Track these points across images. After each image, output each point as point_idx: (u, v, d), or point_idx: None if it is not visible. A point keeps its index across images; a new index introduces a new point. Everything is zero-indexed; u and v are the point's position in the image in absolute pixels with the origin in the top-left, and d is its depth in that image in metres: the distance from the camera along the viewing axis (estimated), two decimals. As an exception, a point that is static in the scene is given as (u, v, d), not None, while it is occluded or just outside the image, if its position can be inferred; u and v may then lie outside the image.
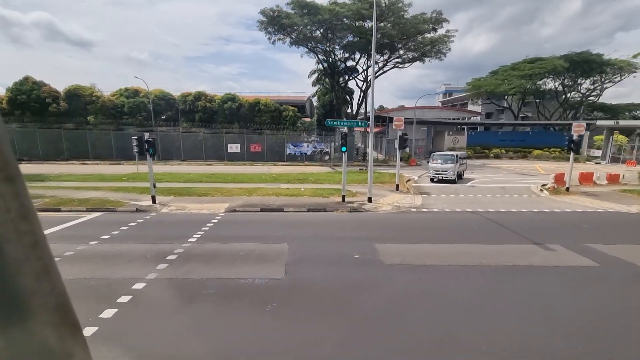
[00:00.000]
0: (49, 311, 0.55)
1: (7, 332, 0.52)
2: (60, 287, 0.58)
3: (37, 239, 0.54)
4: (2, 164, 0.50)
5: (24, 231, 0.52)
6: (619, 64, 46.51)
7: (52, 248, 0.59)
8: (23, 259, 0.52)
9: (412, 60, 37.91)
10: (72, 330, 0.59)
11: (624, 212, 13.54)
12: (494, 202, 15.17)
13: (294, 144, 34.03)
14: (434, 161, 20.14)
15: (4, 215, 0.50)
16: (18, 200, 0.51)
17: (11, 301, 0.52)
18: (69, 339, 0.58)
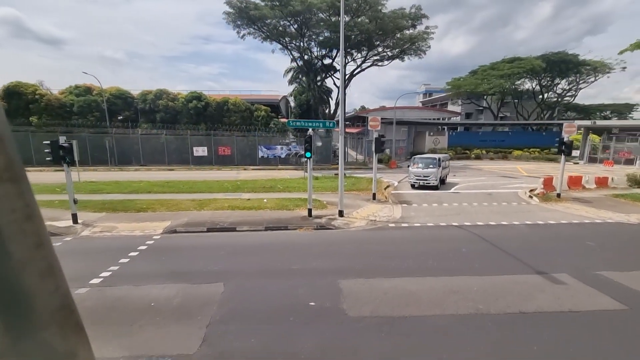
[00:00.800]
0: (53, 311, 0.55)
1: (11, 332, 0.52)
2: (65, 287, 0.57)
3: (41, 240, 0.54)
4: (7, 164, 0.50)
5: (28, 231, 0.52)
6: (594, 64, 46.85)
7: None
8: (28, 259, 0.52)
9: (391, 58, 36.32)
10: (76, 330, 0.59)
11: (624, 222, 12.07)
12: (481, 212, 13.42)
13: (267, 146, 31.62)
14: (415, 165, 18.31)
15: (9, 215, 0.50)
16: (23, 200, 0.51)
17: (16, 301, 0.51)
18: (72, 338, 0.58)
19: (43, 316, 0.54)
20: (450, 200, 15.46)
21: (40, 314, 0.54)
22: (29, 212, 0.52)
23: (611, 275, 7.34)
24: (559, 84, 52.10)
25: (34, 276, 0.53)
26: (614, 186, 18.66)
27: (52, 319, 0.55)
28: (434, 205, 14.52)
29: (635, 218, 12.50)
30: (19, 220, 0.51)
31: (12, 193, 0.50)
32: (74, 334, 0.59)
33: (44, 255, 0.54)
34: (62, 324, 0.57)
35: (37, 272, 0.53)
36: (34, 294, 0.53)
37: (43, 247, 0.54)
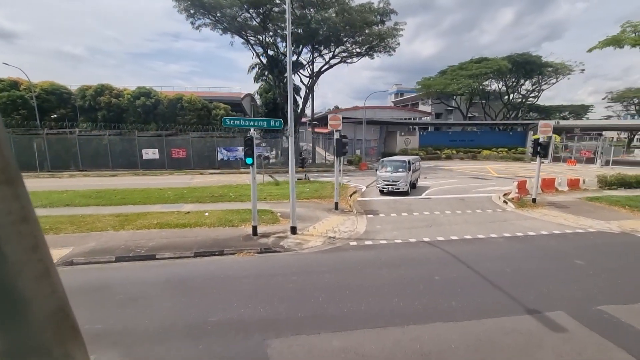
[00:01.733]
0: (49, 314, 0.55)
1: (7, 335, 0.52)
2: (61, 290, 0.57)
3: (37, 242, 0.53)
4: (3, 166, 0.50)
5: (24, 233, 0.52)
6: (556, 66, 48.16)
7: None
8: (24, 262, 0.51)
9: (360, 55, 34.79)
10: (72, 333, 0.59)
11: (607, 231, 10.96)
12: (455, 222, 11.90)
13: (228, 148, 29.00)
14: (383, 169, 16.64)
15: (5, 217, 0.50)
16: (19, 202, 0.51)
17: (11, 303, 0.51)
18: (68, 341, 0.58)
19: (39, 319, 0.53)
20: (421, 208, 13.88)
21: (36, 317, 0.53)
22: (25, 214, 0.52)
23: (616, 312, 5.84)
24: (524, 85, 53.32)
25: (30, 279, 0.52)
26: (586, 188, 18.04)
27: (48, 322, 0.55)
28: (403, 215, 12.84)
29: (616, 226, 11.45)
30: (15, 223, 0.50)
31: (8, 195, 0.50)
32: (70, 337, 0.58)
33: (40, 258, 0.54)
34: (58, 327, 0.56)
35: (33, 274, 0.53)
36: (30, 297, 0.52)
37: (39, 249, 0.54)
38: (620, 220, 12.08)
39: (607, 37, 16.54)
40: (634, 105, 64.61)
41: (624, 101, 66.11)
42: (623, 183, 18.11)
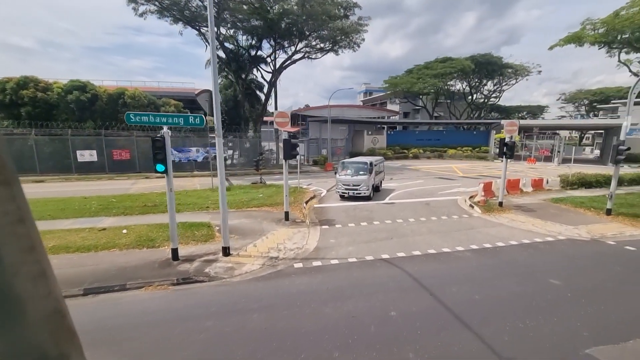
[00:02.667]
0: (46, 316, 0.54)
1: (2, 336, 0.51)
2: (57, 291, 0.56)
3: (33, 243, 0.53)
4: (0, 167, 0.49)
5: (20, 234, 0.51)
6: (516, 67, 49.61)
7: None
8: (20, 263, 0.51)
9: (324, 50, 33.29)
10: (68, 335, 0.58)
11: (577, 238, 10.14)
12: (419, 232, 10.60)
13: (179, 149, 26.32)
14: (343, 172, 15.14)
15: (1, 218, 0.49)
16: (15, 203, 0.51)
17: (7, 305, 0.50)
18: (65, 343, 0.57)
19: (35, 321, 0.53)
20: (383, 216, 12.51)
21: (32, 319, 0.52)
22: (21, 215, 0.51)
23: (608, 357, 4.61)
24: (486, 86, 54.63)
25: (26, 280, 0.52)
26: (549, 188, 17.68)
27: (44, 323, 0.54)
28: (362, 225, 11.37)
29: (584, 231, 10.70)
30: (11, 224, 0.50)
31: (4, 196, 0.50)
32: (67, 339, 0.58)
33: (36, 259, 0.53)
34: (54, 329, 0.55)
35: (29, 276, 0.52)
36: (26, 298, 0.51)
37: (35, 250, 0.53)
38: (588, 224, 11.39)
39: (569, 34, 16.13)
40: (584, 106, 68.65)
41: (575, 102, 70.14)
42: (584, 182, 17.97)
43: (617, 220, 11.81)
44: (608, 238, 10.16)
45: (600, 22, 15.10)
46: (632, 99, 11.68)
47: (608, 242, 9.78)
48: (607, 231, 10.73)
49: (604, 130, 40.55)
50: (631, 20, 14.43)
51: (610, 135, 36.22)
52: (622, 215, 12.23)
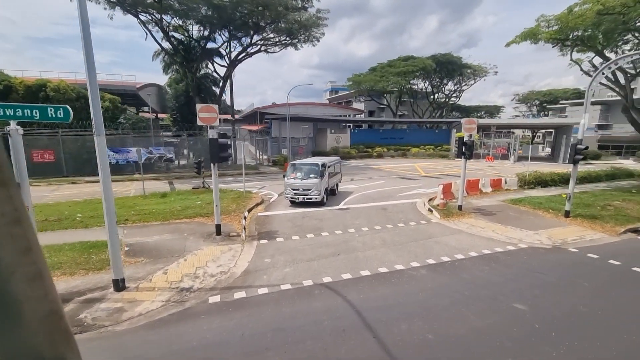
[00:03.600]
0: (42, 317, 0.54)
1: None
2: (54, 293, 0.56)
3: (30, 244, 0.52)
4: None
5: (17, 235, 0.51)
6: (474, 68, 50.86)
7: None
8: (16, 264, 0.50)
9: (282, 44, 31.44)
10: (65, 336, 0.57)
11: (538, 246, 9.31)
12: (371, 245, 9.25)
13: (116, 149, 23.28)
14: (292, 175, 13.51)
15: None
16: (11, 204, 0.50)
17: (3, 306, 0.50)
18: (61, 345, 0.56)
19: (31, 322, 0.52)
20: (333, 225, 11.05)
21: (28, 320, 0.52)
22: (18, 216, 0.51)
23: None
24: (447, 85, 55.68)
25: (22, 281, 0.51)
26: (508, 188, 17.30)
27: (40, 325, 0.53)
28: (308, 238, 9.82)
29: (545, 237, 9.95)
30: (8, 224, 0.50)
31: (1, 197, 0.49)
32: (63, 340, 0.57)
33: (33, 260, 0.53)
34: (50, 331, 0.55)
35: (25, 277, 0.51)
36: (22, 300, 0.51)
37: (32, 251, 0.53)
38: (548, 228, 10.71)
39: (525, 30, 15.68)
40: (535, 106, 72.67)
41: (527, 102, 74.09)
42: (540, 182, 17.83)
43: (576, 223, 11.29)
44: (569, 244, 9.45)
45: (554, 18, 14.68)
46: (589, 96, 11.18)
47: (570, 250, 9.03)
48: (567, 236, 10.07)
49: (554, 129, 42.48)
50: (583, 17, 14.09)
51: (560, 133, 37.89)
52: (580, 217, 11.77)
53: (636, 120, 17.16)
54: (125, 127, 23.81)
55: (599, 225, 10.90)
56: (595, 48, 16.71)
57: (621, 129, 48.56)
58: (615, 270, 7.77)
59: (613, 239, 9.96)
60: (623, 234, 10.37)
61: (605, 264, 8.06)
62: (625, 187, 17.43)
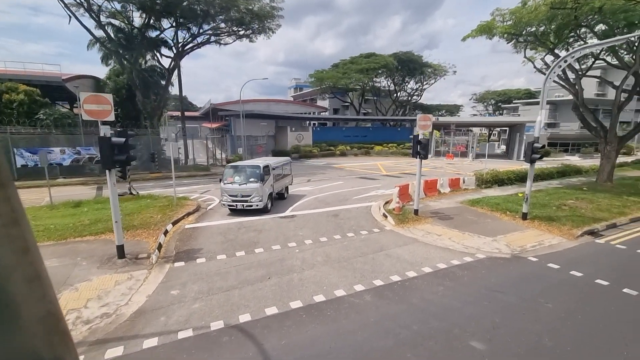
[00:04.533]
0: (40, 318, 0.53)
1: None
2: (52, 294, 0.55)
3: (28, 245, 0.52)
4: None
5: (15, 236, 0.50)
6: (434, 67, 51.57)
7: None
8: (14, 265, 0.50)
9: (236, 35, 29.20)
10: (63, 338, 0.57)
11: (497, 255, 8.39)
12: (311, 264, 7.80)
13: (32, 149, 19.93)
14: (229, 179, 11.70)
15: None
16: (9, 205, 0.50)
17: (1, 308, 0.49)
18: (59, 347, 0.56)
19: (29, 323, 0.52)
20: (272, 239, 9.47)
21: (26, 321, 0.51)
22: (15, 217, 0.50)
23: None
24: (409, 84, 56.14)
25: (20, 282, 0.51)
26: (466, 187, 16.74)
27: (38, 326, 0.53)
28: (236, 257, 8.16)
29: (504, 244, 9.10)
30: (5, 225, 0.49)
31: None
32: (61, 341, 0.57)
33: (31, 261, 0.52)
34: (48, 332, 0.54)
35: (23, 278, 0.51)
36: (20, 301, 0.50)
37: (30, 252, 0.52)
38: (506, 234, 9.92)
39: (480, 24, 15.06)
40: (491, 106, 75.95)
41: (484, 102, 77.25)
42: (497, 180, 17.49)
43: (534, 226, 10.64)
44: (528, 252, 8.64)
45: (509, 12, 14.15)
46: (546, 91, 10.55)
47: (530, 259, 8.18)
48: (526, 242, 9.30)
49: (508, 127, 44.02)
50: (537, 12, 13.61)
51: (514, 131, 39.14)
52: (537, 218, 11.17)
53: (585, 118, 17.32)
54: (46, 124, 20.47)
55: (556, 228, 10.32)
56: (547, 45, 16.57)
57: (567, 127, 51.72)
58: (578, 283, 6.95)
59: (571, 244, 9.34)
60: (580, 237, 9.83)
61: (567, 277, 7.23)
62: (576, 184, 17.59)
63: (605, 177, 17.03)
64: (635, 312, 5.88)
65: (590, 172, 21.89)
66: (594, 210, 12.20)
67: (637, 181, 17.67)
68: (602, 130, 16.92)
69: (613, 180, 17.20)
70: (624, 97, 16.69)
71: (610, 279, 7.06)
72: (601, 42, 10.08)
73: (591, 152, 41.78)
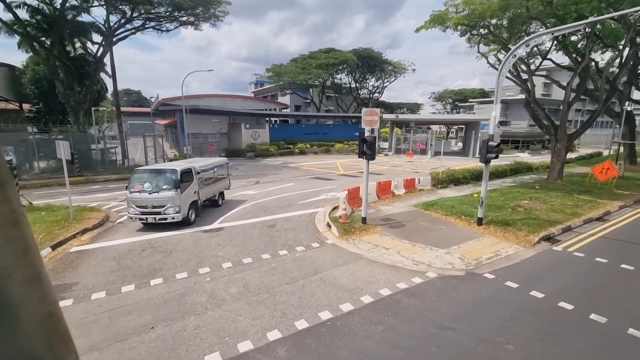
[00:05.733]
0: (40, 319, 0.53)
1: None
2: (51, 295, 0.55)
3: (27, 246, 0.52)
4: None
5: (14, 237, 0.50)
6: (394, 64, 51.50)
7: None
8: (13, 266, 0.49)
9: (177, 21, 26.28)
10: (63, 339, 0.57)
11: (450, 273, 7.16)
12: (221, 298, 6.00)
13: None
14: (137, 186, 9.48)
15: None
16: (8, 205, 0.49)
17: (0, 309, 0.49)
18: (59, 348, 0.56)
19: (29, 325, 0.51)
20: (182, 262, 7.52)
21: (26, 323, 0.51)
22: (15, 217, 0.50)
23: None
24: (370, 81, 55.75)
25: (19, 284, 0.50)
26: (421, 188, 15.78)
27: (38, 327, 0.52)
28: (122, 293, 6.14)
29: (457, 257, 7.94)
30: (5, 226, 0.49)
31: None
32: (61, 343, 0.56)
33: (30, 262, 0.52)
34: (48, 333, 0.54)
35: (23, 279, 0.50)
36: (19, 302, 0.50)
37: (29, 253, 0.52)
38: (460, 244, 8.80)
39: (433, 13, 14.05)
40: (449, 104, 78.38)
41: (442, 100, 79.55)
42: (453, 179, 16.78)
43: (489, 232, 9.67)
44: (484, 266, 7.52)
45: (462, 2, 13.18)
46: (500, 85, 9.59)
47: (486, 276, 7.03)
48: (482, 253, 8.22)
49: (465, 125, 44.97)
50: (489, 2, 12.75)
51: (469, 129, 39.85)
52: (493, 223, 10.26)
53: (537, 115, 17.12)
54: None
55: (512, 235, 9.41)
56: (501, 40, 16.04)
57: (518, 125, 54.24)
58: (540, 309, 5.83)
59: (529, 253, 8.40)
60: (537, 244, 8.97)
61: (528, 299, 6.11)
62: (529, 182, 17.39)
63: (555, 175, 16.95)
64: (607, 345, 4.80)
65: (540, 170, 22.17)
66: (548, 212, 11.60)
67: (584, 178, 17.86)
68: (552, 128, 16.78)
69: (563, 178, 17.18)
70: (573, 96, 16.67)
71: (574, 300, 6.03)
72: (553, 29, 9.33)
73: (539, 149, 43.83)
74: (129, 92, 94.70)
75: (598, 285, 6.70)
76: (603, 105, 16.41)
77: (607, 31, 15.64)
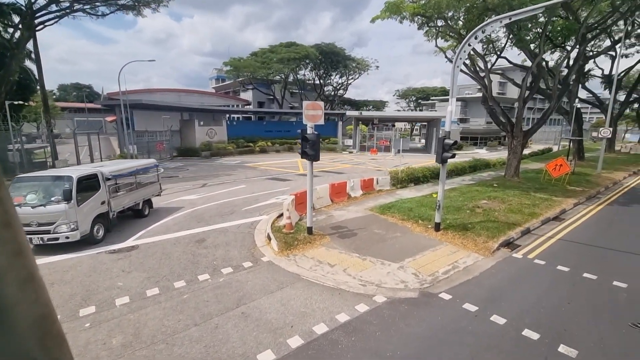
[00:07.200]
0: (34, 321, 0.52)
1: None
2: (45, 296, 0.54)
3: (20, 247, 0.51)
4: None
5: (6, 239, 0.49)
6: (357, 61, 50.96)
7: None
8: (6, 268, 0.49)
9: (114, 5, 23.34)
10: (57, 341, 0.56)
11: (401, 296, 6.05)
12: (95, 354, 4.37)
13: None
14: (17, 199, 7.42)
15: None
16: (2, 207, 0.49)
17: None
18: (54, 350, 0.55)
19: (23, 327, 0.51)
20: (64, 298, 5.75)
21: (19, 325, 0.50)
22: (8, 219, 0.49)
23: None
24: (334, 78, 54.89)
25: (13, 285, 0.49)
26: (380, 188, 14.84)
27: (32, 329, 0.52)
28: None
29: (412, 273, 6.88)
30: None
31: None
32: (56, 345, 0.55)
33: (24, 264, 0.51)
34: (43, 335, 0.53)
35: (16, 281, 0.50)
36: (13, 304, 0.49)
37: (23, 255, 0.51)
38: (415, 255, 7.78)
39: (388, 2, 12.97)
40: (412, 102, 79.82)
41: (406, 98, 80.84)
42: (412, 179, 16.05)
43: (447, 239, 8.79)
44: (440, 282, 6.51)
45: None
46: (456, 77, 8.69)
47: (442, 297, 6.00)
48: (438, 265, 7.24)
49: (427, 122, 45.43)
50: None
51: (431, 126, 40.18)
52: (451, 229, 9.41)
53: (494, 112, 16.85)
54: None
55: (471, 241, 8.58)
56: (457, 31, 15.46)
57: (476, 122, 56.06)
58: (503, 339, 4.86)
59: (488, 263, 7.57)
60: (497, 251, 8.20)
61: (488, 329, 5.13)
62: (487, 179, 17.14)
63: (512, 172, 16.81)
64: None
65: (497, 166, 22.29)
66: (507, 212, 11.04)
67: (538, 174, 17.97)
68: (509, 125, 16.58)
69: (519, 175, 17.10)
70: (527, 93, 16.57)
71: (540, 326, 5.14)
72: (510, 13, 8.63)
73: (496, 146, 45.40)
74: (77, 86, 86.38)
75: (563, 303, 5.90)
76: (556, 102, 16.45)
77: (561, 25, 15.64)
